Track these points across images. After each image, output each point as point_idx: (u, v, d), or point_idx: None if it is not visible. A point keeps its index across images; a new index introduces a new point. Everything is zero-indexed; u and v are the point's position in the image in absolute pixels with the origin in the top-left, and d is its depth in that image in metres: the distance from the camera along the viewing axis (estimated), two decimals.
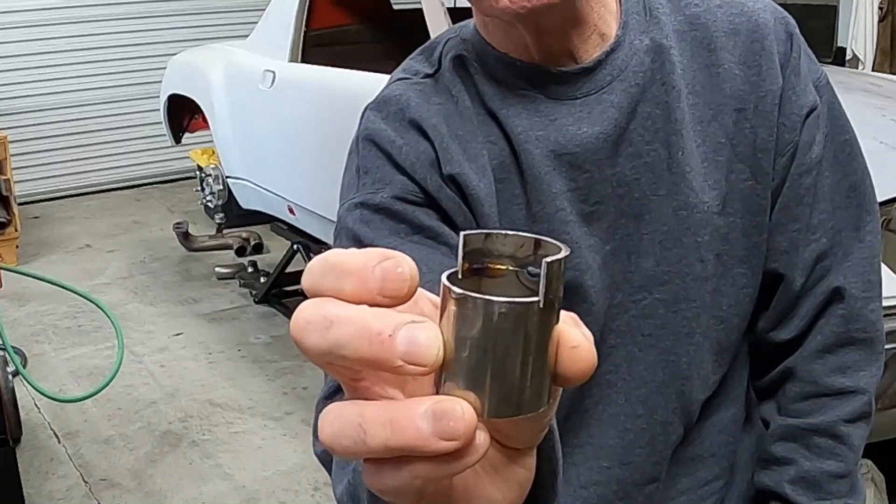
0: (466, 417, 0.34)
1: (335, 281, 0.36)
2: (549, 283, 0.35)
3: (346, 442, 0.35)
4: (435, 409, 0.34)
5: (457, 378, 0.36)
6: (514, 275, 0.38)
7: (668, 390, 0.93)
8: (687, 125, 0.88)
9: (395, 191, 0.86)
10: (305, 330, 0.35)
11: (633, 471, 0.95)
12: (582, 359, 0.37)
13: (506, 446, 0.40)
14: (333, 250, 0.37)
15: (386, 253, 0.36)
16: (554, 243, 0.37)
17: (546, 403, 0.37)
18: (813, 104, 0.91)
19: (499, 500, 0.41)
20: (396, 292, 0.35)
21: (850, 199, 0.94)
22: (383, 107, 0.89)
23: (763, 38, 0.89)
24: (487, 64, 0.89)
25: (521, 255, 0.38)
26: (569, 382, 0.37)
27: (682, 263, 0.90)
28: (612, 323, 0.91)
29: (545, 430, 0.41)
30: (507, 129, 0.87)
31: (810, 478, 0.96)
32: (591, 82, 0.87)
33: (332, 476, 0.74)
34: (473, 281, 0.37)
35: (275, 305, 4.30)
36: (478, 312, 0.35)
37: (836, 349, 0.95)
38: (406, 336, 0.34)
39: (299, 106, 3.70)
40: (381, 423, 0.35)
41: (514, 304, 0.35)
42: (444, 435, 0.34)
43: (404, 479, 0.36)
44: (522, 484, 0.42)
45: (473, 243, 0.38)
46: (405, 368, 0.34)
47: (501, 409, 0.36)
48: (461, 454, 0.35)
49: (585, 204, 0.88)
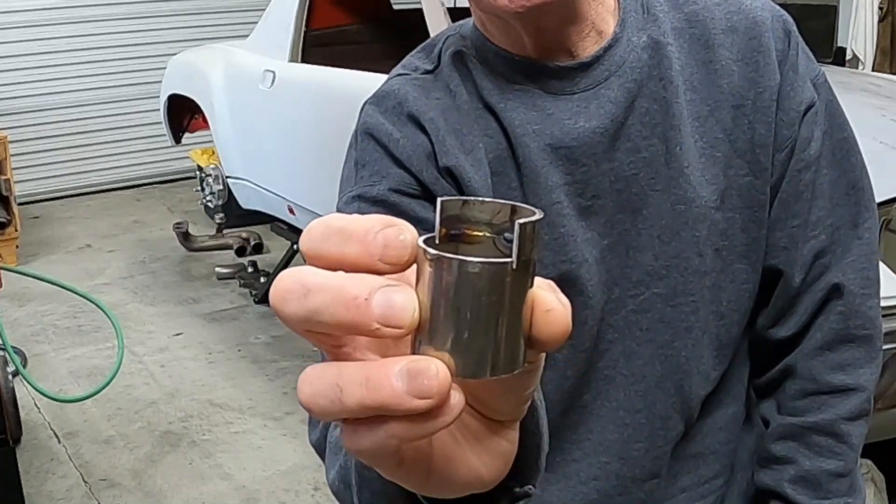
0: (440, 376, 0.35)
1: (337, 245, 0.36)
2: (521, 244, 0.35)
3: (324, 402, 0.36)
4: (410, 367, 0.35)
5: (432, 339, 0.36)
6: (490, 241, 0.39)
7: (666, 385, 0.93)
8: (685, 121, 0.88)
9: (391, 183, 0.87)
10: (284, 299, 0.36)
11: (633, 466, 0.95)
12: (556, 321, 0.37)
13: (488, 418, 0.41)
14: (334, 214, 0.38)
15: (388, 220, 0.36)
16: (529, 209, 0.37)
17: (520, 365, 0.37)
18: (811, 101, 0.91)
19: (480, 470, 0.42)
20: (397, 259, 0.36)
21: (848, 197, 0.94)
22: (382, 101, 0.90)
23: (761, 36, 0.89)
24: (486, 59, 0.90)
25: (498, 221, 0.38)
26: (544, 346, 0.38)
27: (681, 258, 0.90)
28: (610, 318, 0.91)
29: (527, 402, 0.42)
30: (505, 122, 0.88)
31: (810, 477, 0.96)
32: (588, 77, 0.87)
33: (326, 462, 0.75)
34: (451, 246, 0.38)
35: None
36: (452, 273, 0.35)
37: (835, 346, 0.96)
38: (382, 299, 0.35)
39: (299, 106, 3.70)
40: (357, 383, 0.35)
41: (487, 263, 0.35)
42: (419, 393, 0.35)
43: (380, 438, 0.36)
44: (505, 455, 0.43)
45: (450, 209, 0.38)
46: (382, 331, 0.35)
47: (476, 370, 0.36)
48: (435, 413, 0.36)
49: (582, 198, 0.88)
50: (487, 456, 0.42)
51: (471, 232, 0.39)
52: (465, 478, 0.42)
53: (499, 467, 0.43)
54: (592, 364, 0.92)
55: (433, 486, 0.42)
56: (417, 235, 0.36)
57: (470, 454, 0.41)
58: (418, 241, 0.36)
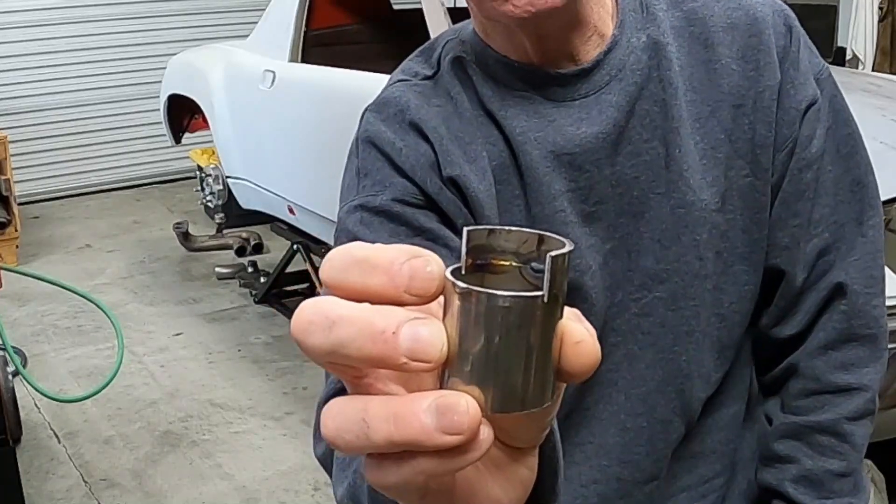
0: (471, 412, 0.34)
1: (360, 275, 0.35)
2: (553, 277, 0.35)
3: (349, 437, 0.35)
4: (439, 403, 0.34)
5: (460, 373, 0.35)
6: (517, 271, 0.38)
7: (667, 388, 0.93)
8: (684, 122, 0.88)
9: (394, 193, 0.85)
10: (307, 330, 0.35)
11: (634, 469, 0.95)
12: (585, 353, 0.37)
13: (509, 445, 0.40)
14: (357, 244, 0.36)
15: (414, 251, 0.35)
16: (558, 239, 0.37)
17: (550, 399, 0.37)
18: (813, 98, 0.90)
19: (501, 499, 0.41)
20: (424, 291, 0.35)
21: (852, 194, 0.93)
22: (383, 108, 0.89)
23: (761, 33, 0.88)
24: (486, 65, 0.89)
25: (525, 251, 0.38)
26: (573, 378, 0.37)
27: (681, 261, 0.89)
28: (612, 322, 0.91)
29: (547, 429, 0.41)
30: (507, 130, 0.87)
31: (813, 476, 0.96)
32: (589, 83, 0.87)
33: (333, 478, 0.74)
34: (476, 277, 0.37)
35: (275, 305, 4.30)
36: (481, 307, 0.35)
37: (838, 345, 0.95)
38: (409, 333, 0.34)
39: (299, 106, 3.69)
40: (384, 418, 0.34)
41: (518, 297, 0.35)
42: (449, 429, 0.34)
43: (407, 474, 0.36)
44: (525, 483, 0.42)
45: (477, 239, 0.38)
46: (409, 365, 0.34)
47: (505, 405, 0.36)
48: (465, 449, 0.35)
49: (586, 204, 0.88)
50: (508, 484, 0.41)
51: (497, 262, 0.38)
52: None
53: (519, 495, 0.42)
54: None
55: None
56: (444, 266, 0.35)
57: (492, 484, 0.41)
58: (446, 272, 0.36)
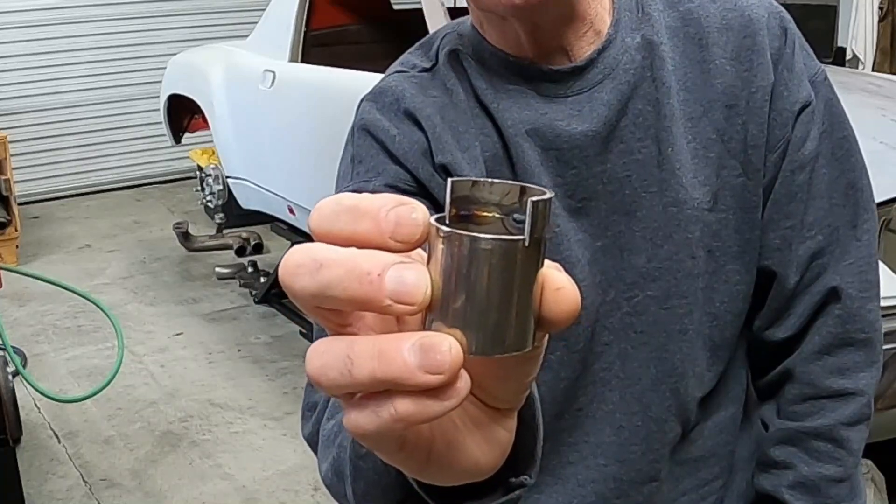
0: (453, 352, 0.35)
1: (348, 222, 0.36)
2: (534, 222, 0.36)
3: (333, 374, 0.36)
4: (423, 342, 0.35)
5: (443, 317, 0.36)
6: (500, 222, 0.39)
7: (661, 387, 0.93)
8: (677, 122, 0.88)
9: (387, 179, 0.87)
10: (296, 273, 0.36)
11: (630, 469, 0.95)
12: (566, 300, 0.38)
13: (488, 405, 0.42)
14: (346, 193, 0.37)
15: (400, 198, 0.36)
16: (539, 189, 0.38)
17: (530, 344, 0.38)
18: (807, 100, 0.90)
19: (478, 458, 0.42)
20: (409, 237, 0.36)
21: (847, 197, 0.93)
22: (379, 97, 0.90)
23: (755, 34, 0.89)
24: (482, 59, 0.90)
25: (507, 202, 0.39)
26: (553, 325, 0.38)
27: (673, 260, 0.90)
28: (605, 320, 0.91)
29: (527, 391, 0.42)
30: (499, 122, 0.88)
31: (809, 482, 0.95)
32: (582, 81, 0.87)
33: (318, 456, 0.75)
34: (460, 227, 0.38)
35: (275, 305, 4.30)
36: (464, 250, 0.36)
37: (834, 350, 0.95)
38: (394, 275, 0.35)
39: (299, 106, 3.70)
40: (369, 355, 0.35)
41: (499, 240, 0.36)
42: (431, 368, 0.35)
43: (385, 419, 0.36)
44: (503, 444, 0.43)
45: (461, 190, 0.39)
46: (394, 308, 0.35)
47: (487, 347, 0.37)
48: (442, 394, 0.35)
49: (572, 199, 0.88)
50: (486, 444, 0.42)
51: (480, 213, 0.39)
52: (463, 465, 0.42)
53: (496, 456, 0.43)
54: (588, 366, 0.92)
55: (431, 471, 0.42)
56: (428, 214, 0.36)
57: (470, 442, 0.42)
58: (430, 219, 0.37)
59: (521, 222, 0.37)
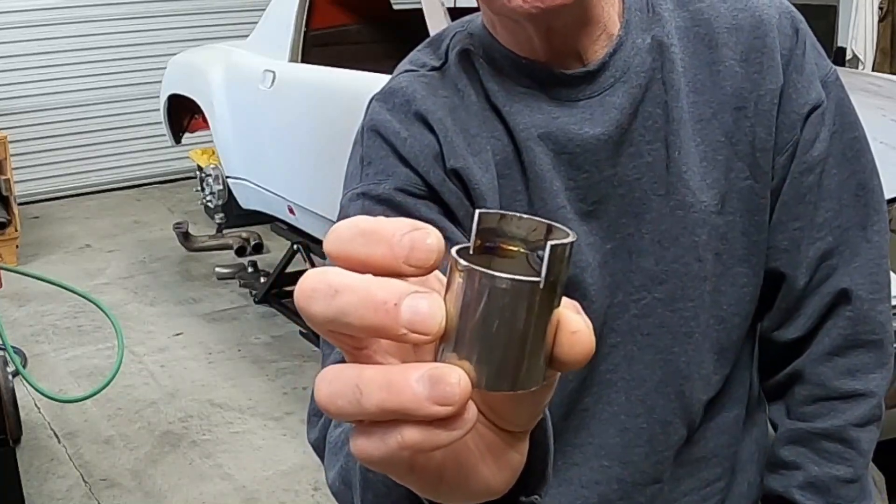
0: (461, 384, 0.35)
1: (363, 246, 0.36)
2: (551, 265, 0.36)
3: (342, 402, 0.36)
4: (432, 373, 0.35)
5: (456, 349, 0.37)
6: (524, 257, 0.39)
7: (666, 389, 0.93)
8: (685, 124, 0.88)
9: (397, 182, 0.86)
10: (311, 297, 0.36)
11: (633, 470, 0.95)
12: (580, 343, 0.38)
13: (501, 429, 0.41)
14: (362, 217, 0.38)
15: (415, 223, 0.36)
16: (564, 230, 0.38)
17: (539, 383, 0.38)
18: (817, 101, 0.90)
19: (490, 481, 0.42)
20: (423, 262, 0.36)
21: (857, 198, 0.93)
22: (389, 98, 0.89)
23: (766, 35, 0.88)
24: (494, 60, 0.89)
25: (533, 238, 0.39)
26: (565, 366, 0.38)
27: (680, 263, 0.89)
28: (612, 322, 0.91)
29: (539, 415, 0.42)
30: (511, 125, 0.87)
31: (819, 483, 0.95)
32: (594, 85, 0.87)
33: (325, 463, 0.75)
34: (484, 258, 0.38)
35: (275, 305, 4.30)
36: (481, 286, 0.36)
37: (844, 352, 0.94)
38: (410, 305, 0.35)
39: (299, 106, 3.69)
40: (378, 385, 0.35)
41: (515, 281, 0.36)
42: (439, 399, 0.35)
43: (392, 447, 0.36)
44: (514, 467, 0.43)
45: (488, 222, 0.39)
46: (408, 337, 0.35)
47: (496, 383, 0.37)
48: (450, 424, 0.36)
49: (584, 203, 0.88)
50: (497, 466, 0.42)
51: (506, 246, 0.39)
52: (474, 487, 0.42)
53: (508, 477, 0.43)
54: (594, 368, 0.92)
55: (443, 493, 0.42)
56: (443, 240, 0.37)
57: (482, 465, 0.42)
58: (452, 250, 0.37)
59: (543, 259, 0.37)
